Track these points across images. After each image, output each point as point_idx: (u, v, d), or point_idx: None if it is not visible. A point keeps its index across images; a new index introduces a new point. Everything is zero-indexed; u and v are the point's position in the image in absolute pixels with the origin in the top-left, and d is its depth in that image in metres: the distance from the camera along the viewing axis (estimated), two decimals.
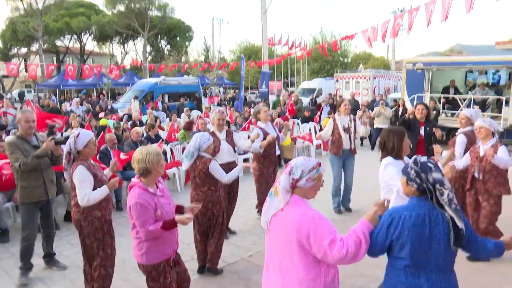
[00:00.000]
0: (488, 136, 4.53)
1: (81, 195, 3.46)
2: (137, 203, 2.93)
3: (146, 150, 3.06)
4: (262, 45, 26.41)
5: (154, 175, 3.07)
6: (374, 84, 22.54)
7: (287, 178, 2.29)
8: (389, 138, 3.45)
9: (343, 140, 6.35)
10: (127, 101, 20.63)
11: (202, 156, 4.40)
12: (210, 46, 48.58)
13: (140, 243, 3.06)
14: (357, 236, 2.23)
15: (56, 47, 42.49)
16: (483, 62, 13.09)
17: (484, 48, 26.66)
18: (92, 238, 3.61)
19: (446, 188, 2.23)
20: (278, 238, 2.32)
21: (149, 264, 3.08)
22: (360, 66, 33.42)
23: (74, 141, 3.57)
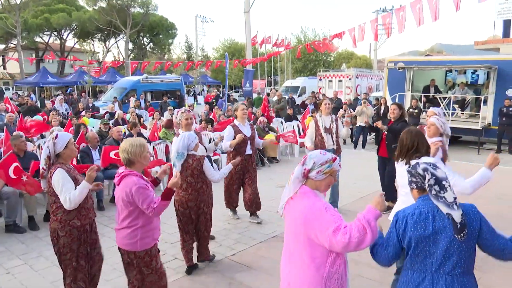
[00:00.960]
0: (435, 136, 4.42)
1: (63, 198, 3.21)
2: (140, 187, 3.07)
3: (130, 141, 3.19)
4: (245, 43, 26.39)
5: (137, 166, 3.20)
6: (356, 83, 22.78)
7: (300, 168, 2.36)
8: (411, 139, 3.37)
9: (325, 141, 6.29)
10: (108, 99, 20.35)
11: (193, 155, 4.42)
12: (192, 44, 48.37)
13: (135, 230, 3.15)
14: (361, 223, 2.20)
15: (36, 44, 41.59)
16: (463, 62, 13.36)
17: (463, 48, 27.23)
18: (66, 249, 3.35)
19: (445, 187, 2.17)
20: (289, 225, 2.41)
21: (142, 250, 3.19)
22: (343, 65, 33.71)
23: (53, 143, 3.32)
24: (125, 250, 3.24)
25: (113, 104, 16.98)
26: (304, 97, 23.59)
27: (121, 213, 3.19)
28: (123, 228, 3.20)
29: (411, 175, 2.32)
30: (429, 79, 14.10)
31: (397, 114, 6.04)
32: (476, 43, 19.28)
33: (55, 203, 3.33)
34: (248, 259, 4.88)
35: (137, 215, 3.16)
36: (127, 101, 19.94)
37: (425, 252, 2.21)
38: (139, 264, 3.24)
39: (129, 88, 21.24)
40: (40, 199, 6.50)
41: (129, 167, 3.18)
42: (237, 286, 4.27)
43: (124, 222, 3.18)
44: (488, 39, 19.41)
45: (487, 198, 6.73)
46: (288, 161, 10.77)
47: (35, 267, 4.80)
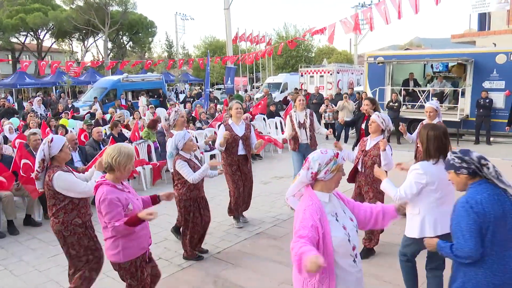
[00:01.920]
0: (377, 132, 4.58)
1: (81, 190, 3.37)
2: (106, 199, 2.93)
3: (120, 149, 3.05)
4: (226, 41, 26.28)
5: (117, 175, 3.05)
6: (338, 78, 22.91)
7: (305, 172, 2.32)
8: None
9: (299, 136, 6.34)
10: (88, 99, 20.03)
11: (178, 155, 4.54)
12: (173, 42, 47.90)
13: (116, 241, 3.03)
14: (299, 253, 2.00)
15: (11, 44, 40.57)
16: (440, 55, 13.59)
17: (441, 42, 27.66)
18: (77, 246, 3.46)
19: (488, 161, 2.36)
20: None
21: (127, 261, 3.07)
22: (324, 60, 33.85)
23: (49, 147, 3.39)
24: (111, 261, 3.15)
25: (95, 105, 16.76)
26: (286, 93, 23.60)
27: (101, 222, 3.07)
28: (106, 238, 3.10)
29: (463, 161, 2.41)
30: (408, 73, 14.29)
31: (370, 108, 6.10)
32: (453, 37, 19.61)
33: (55, 206, 3.42)
34: (233, 257, 4.89)
35: None
36: (107, 101, 19.67)
37: (502, 237, 2.30)
38: (124, 274, 3.14)
39: (109, 88, 20.93)
40: (19, 203, 6.37)
41: (108, 172, 3.07)
42: (222, 284, 4.27)
43: (104, 232, 3.08)
44: (465, 32, 19.77)
45: None
46: (271, 158, 10.80)
47: (16, 272, 4.72)
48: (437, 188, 3.20)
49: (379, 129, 4.52)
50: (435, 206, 3.22)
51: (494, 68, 11.92)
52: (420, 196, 3.24)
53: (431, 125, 3.42)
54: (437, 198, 3.21)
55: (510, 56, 11.66)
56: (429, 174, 3.18)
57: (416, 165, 3.30)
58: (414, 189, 3.21)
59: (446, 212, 2.98)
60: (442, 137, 3.25)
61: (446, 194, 3.22)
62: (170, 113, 5.30)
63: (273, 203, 6.80)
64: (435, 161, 3.23)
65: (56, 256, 5.04)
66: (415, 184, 3.21)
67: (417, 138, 5.23)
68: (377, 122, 4.51)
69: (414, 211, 3.31)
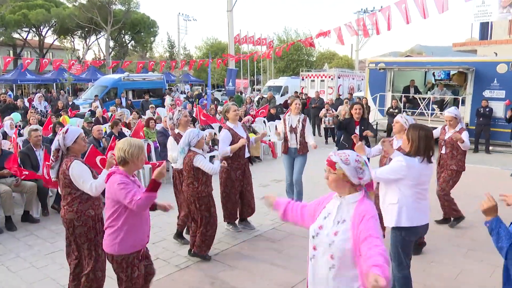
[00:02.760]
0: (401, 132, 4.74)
1: (88, 187, 3.39)
2: (122, 182, 3.01)
3: (130, 141, 3.17)
4: (228, 42, 26.33)
5: (131, 167, 3.15)
6: (338, 83, 22.98)
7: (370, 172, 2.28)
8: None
9: (288, 140, 6.26)
10: (89, 97, 20.02)
11: (190, 151, 4.61)
12: (174, 42, 47.92)
13: (116, 231, 3.06)
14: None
15: (13, 40, 40.56)
16: (441, 63, 13.64)
17: (442, 49, 27.77)
18: (83, 239, 3.49)
19: None
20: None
21: (120, 254, 3.10)
22: (325, 65, 33.93)
23: (63, 137, 3.47)
24: (105, 251, 3.19)
25: (95, 103, 16.76)
26: (286, 97, 23.64)
27: (106, 212, 3.16)
28: (106, 227, 3.16)
29: None
30: (409, 80, 14.33)
31: (360, 113, 6.27)
32: (454, 45, 19.68)
33: (70, 195, 3.48)
34: (231, 258, 4.88)
35: (118, 214, 3.07)
36: (107, 99, 19.65)
37: None
38: (116, 267, 3.16)
39: (110, 86, 20.92)
40: (17, 199, 6.36)
41: (122, 166, 3.15)
42: (219, 285, 4.26)
43: (107, 221, 3.15)
44: (466, 41, 19.85)
45: (466, 197, 6.90)
46: (270, 161, 10.80)
47: (13, 268, 4.70)
48: (414, 185, 3.39)
49: (403, 129, 4.65)
50: (414, 200, 3.42)
51: (494, 77, 11.97)
52: (400, 188, 3.41)
53: (420, 125, 3.59)
54: (416, 192, 3.42)
55: (511, 65, 11.71)
56: (411, 170, 3.34)
57: (401, 157, 3.43)
58: (391, 175, 3.41)
59: (423, 207, 3.45)
60: (430, 137, 3.43)
61: (425, 190, 3.49)
62: (174, 112, 5.30)
63: None
64: (421, 159, 3.39)
65: (53, 253, 5.04)
66: (394, 172, 3.39)
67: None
68: (400, 122, 4.73)
69: (393, 201, 3.46)
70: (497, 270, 4.49)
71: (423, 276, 4.37)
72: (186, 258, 4.89)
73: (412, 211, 3.41)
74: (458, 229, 5.73)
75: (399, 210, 3.42)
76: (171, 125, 5.27)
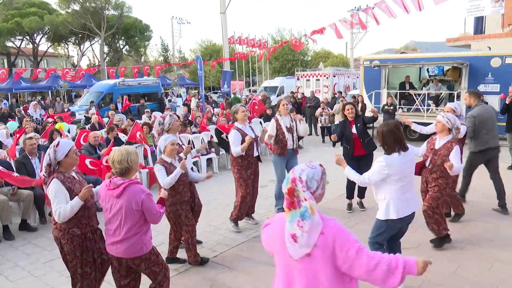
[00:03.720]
0: (444, 132, 4.81)
1: (54, 210, 3.22)
2: (148, 194, 3.18)
3: (125, 150, 3.23)
4: (222, 44, 26.33)
5: (132, 174, 3.26)
6: (334, 81, 23.02)
7: (308, 193, 2.04)
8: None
9: (287, 141, 6.23)
10: (85, 103, 19.99)
11: (160, 158, 4.53)
12: (168, 46, 47.91)
13: (141, 237, 3.22)
14: (396, 262, 2.00)
15: (7, 49, 40.48)
16: (436, 59, 13.68)
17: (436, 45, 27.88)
18: (71, 256, 3.38)
19: None
20: (318, 261, 2.04)
21: (147, 251, 3.28)
22: (320, 64, 33.97)
23: (54, 151, 3.30)
24: (131, 258, 3.25)
25: (91, 109, 16.74)
26: (282, 97, 23.70)
27: (125, 223, 3.16)
28: (127, 238, 3.18)
29: None
30: (404, 76, 14.35)
31: (353, 113, 6.25)
32: (448, 40, 19.73)
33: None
34: (230, 260, 4.88)
35: (142, 221, 3.22)
36: (103, 105, 19.63)
37: None
38: (148, 266, 3.32)
39: (106, 92, 20.89)
40: (14, 208, 6.33)
41: (123, 176, 3.19)
42: None
43: (129, 232, 3.18)
44: (460, 36, 19.90)
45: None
46: (268, 161, 10.76)
47: (11, 277, 4.68)
48: (399, 178, 3.66)
49: (446, 128, 4.77)
50: (399, 194, 3.69)
51: (489, 72, 12.00)
52: (385, 184, 3.71)
53: (384, 123, 3.83)
54: (401, 186, 3.68)
55: (504, 59, 11.74)
56: (392, 167, 3.63)
57: (381, 158, 3.70)
58: (376, 178, 3.71)
59: (408, 198, 3.74)
60: (394, 130, 3.68)
61: (408, 182, 3.72)
62: (164, 118, 5.06)
63: (270, 206, 6.79)
64: (397, 153, 3.65)
65: (51, 261, 5.02)
66: (378, 174, 3.69)
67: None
68: (442, 121, 4.79)
69: (381, 197, 3.78)
70: (495, 264, 4.51)
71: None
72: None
73: (399, 204, 3.69)
74: (456, 224, 5.74)
75: (387, 205, 3.73)
76: (159, 131, 4.97)
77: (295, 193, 2.05)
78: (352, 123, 6.25)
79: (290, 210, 2.06)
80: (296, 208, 2.04)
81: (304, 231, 2.00)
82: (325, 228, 2.02)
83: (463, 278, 4.25)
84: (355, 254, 1.98)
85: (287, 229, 2.06)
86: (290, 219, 2.05)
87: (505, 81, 11.73)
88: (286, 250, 2.08)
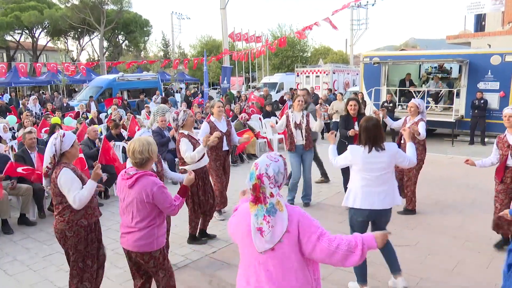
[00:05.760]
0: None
1: (72, 198, 3.20)
2: (160, 186, 3.07)
3: (146, 140, 3.15)
4: (222, 40, 26.27)
5: (149, 165, 3.19)
6: (333, 78, 22.98)
7: (275, 189, 2.10)
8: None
9: (294, 137, 6.34)
10: (84, 98, 19.94)
11: None
12: (169, 41, 47.75)
13: (152, 229, 3.13)
14: (355, 240, 2.10)
15: (6, 43, 40.31)
16: (436, 56, 13.66)
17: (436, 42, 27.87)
18: (73, 250, 3.37)
19: None
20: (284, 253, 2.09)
21: (158, 249, 3.18)
22: (319, 60, 33.90)
23: (60, 141, 3.29)
24: (139, 252, 3.15)
25: (90, 103, 16.71)
26: (282, 93, 23.66)
27: (137, 215, 3.10)
28: (138, 229, 3.11)
29: None
30: (404, 73, 14.34)
31: (356, 109, 6.18)
32: (448, 38, 19.71)
33: (61, 204, 3.32)
34: (228, 256, 4.89)
35: (155, 214, 3.14)
36: (102, 99, 19.59)
37: None
38: (156, 264, 3.21)
39: (105, 87, 20.84)
40: (13, 202, 6.33)
41: (140, 167, 3.12)
42: (217, 283, 4.27)
43: (141, 223, 3.11)
44: (460, 33, 19.87)
45: (463, 188, 6.92)
46: None
47: (10, 271, 4.68)
48: (361, 170, 3.75)
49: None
50: (359, 185, 3.76)
51: (488, 69, 11.99)
52: (352, 172, 3.89)
53: (368, 117, 3.92)
54: (362, 177, 3.75)
55: (504, 57, 11.74)
56: (354, 157, 3.76)
57: (350, 146, 3.86)
58: (342, 161, 3.95)
59: (369, 193, 3.72)
60: (372, 128, 3.69)
61: (374, 177, 3.71)
62: (178, 113, 5.10)
63: None
64: (366, 148, 3.70)
65: (50, 255, 5.03)
66: (343, 159, 3.91)
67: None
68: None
69: (349, 185, 3.92)
70: (494, 261, 4.52)
71: (420, 268, 4.39)
72: (184, 257, 4.89)
73: (358, 194, 3.75)
74: (455, 221, 5.75)
75: (348, 192, 3.88)
76: (175, 127, 5.13)
77: (261, 190, 2.08)
78: (355, 120, 6.16)
79: (256, 204, 2.10)
80: (262, 203, 2.08)
81: (270, 226, 2.05)
82: (290, 219, 2.07)
83: (461, 276, 4.26)
84: (317, 238, 2.05)
85: (253, 223, 2.10)
86: (256, 213, 2.09)
87: (505, 78, 11.73)
88: (251, 241, 2.12)
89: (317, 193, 7.21)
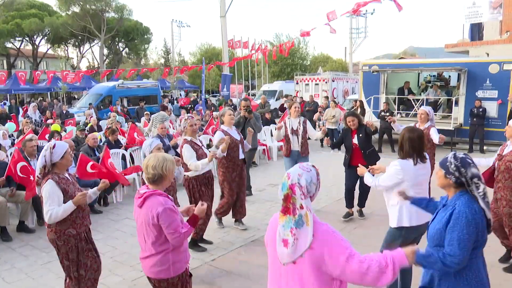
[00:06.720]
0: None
1: (45, 211, 3.19)
2: (166, 208, 2.78)
3: (163, 156, 2.93)
4: (222, 48, 26.40)
5: (165, 184, 2.94)
6: (333, 86, 23.06)
7: (307, 201, 2.05)
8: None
9: (291, 142, 6.48)
10: (84, 105, 19.98)
11: None
12: (170, 49, 47.97)
13: (166, 255, 2.87)
14: (385, 260, 2.05)
15: (7, 50, 40.47)
16: (434, 64, 13.74)
17: (435, 51, 28.05)
18: (66, 259, 3.38)
19: (482, 182, 2.38)
20: (304, 269, 2.05)
21: (175, 276, 2.91)
22: (319, 68, 34.05)
23: (50, 153, 3.29)
24: (157, 279, 2.92)
25: (90, 111, 16.74)
26: (282, 101, 23.75)
27: (147, 238, 2.87)
28: (152, 255, 2.89)
29: (457, 170, 2.40)
30: (403, 81, 14.41)
31: (356, 124, 6.10)
32: (447, 46, 19.82)
33: None
34: (228, 264, 4.88)
35: (165, 237, 2.85)
36: (102, 107, 19.62)
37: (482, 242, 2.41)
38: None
39: (105, 94, 20.89)
40: (12, 209, 6.32)
41: (153, 184, 2.88)
42: None
43: (152, 248, 2.87)
44: (458, 42, 19.99)
45: None
46: (266, 165, 10.81)
47: (8, 279, 4.67)
48: (412, 185, 3.47)
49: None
50: None
51: (487, 78, 12.05)
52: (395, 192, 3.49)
53: (408, 127, 3.70)
54: (415, 193, 3.41)
55: (502, 65, 11.80)
56: (406, 172, 3.47)
57: (396, 161, 3.55)
58: (389, 182, 3.54)
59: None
60: (415, 138, 3.49)
61: (421, 192, 3.51)
62: (181, 120, 5.45)
63: (268, 210, 6.80)
64: (413, 160, 3.48)
65: (49, 263, 5.01)
66: (392, 178, 3.52)
67: None
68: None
69: (394, 202, 3.58)
70: (492, 270, 4.50)
71: (415, 275, 4.37)
72: None
73: (411, 211, 3.48)
74: None
75: (399, 211, 3.55)
76: (180, 131, 5.43)
77: (291, 200, 2.05)
78: (354, 133, 6.14)
79: (285, 215, 2.08)
80: (291, 214, 2.05)
81: (295, 239, 2.02)
82: (315, 238, 2.01)
83: None
84: (345, 260, 1.99)
85: (280, 233, 2.09)
86: (284, 224, 2.07)
87: (503, 87, 11.78)
88: (276, 251, 2.12)
89: (316, 200, 7.17)
